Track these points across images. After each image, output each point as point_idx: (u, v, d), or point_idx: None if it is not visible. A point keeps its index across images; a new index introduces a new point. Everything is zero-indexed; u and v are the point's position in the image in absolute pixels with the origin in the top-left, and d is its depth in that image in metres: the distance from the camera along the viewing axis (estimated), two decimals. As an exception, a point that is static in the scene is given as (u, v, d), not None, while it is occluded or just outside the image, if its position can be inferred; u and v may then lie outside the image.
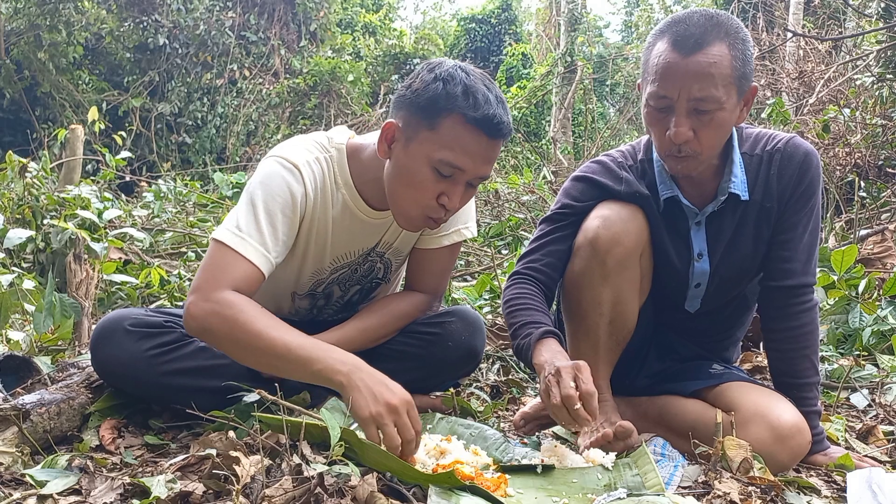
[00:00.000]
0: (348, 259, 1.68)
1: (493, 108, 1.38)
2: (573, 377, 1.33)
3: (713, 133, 1.43)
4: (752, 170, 1.56)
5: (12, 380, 1.61)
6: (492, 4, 17.64)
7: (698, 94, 1.38)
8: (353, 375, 1.26)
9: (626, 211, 1.54)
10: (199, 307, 1.35)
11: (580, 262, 1.56)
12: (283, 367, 1.33)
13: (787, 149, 1.55)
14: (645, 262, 1.59)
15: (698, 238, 1.59)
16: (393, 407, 1.22)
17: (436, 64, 1.45)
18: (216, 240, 1.42)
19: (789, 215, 1.55)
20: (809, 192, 1.54)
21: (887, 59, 5.36)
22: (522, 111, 13.06)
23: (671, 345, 1.75)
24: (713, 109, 1.40)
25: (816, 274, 1.62)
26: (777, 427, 1.43)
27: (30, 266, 3.44)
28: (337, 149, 1.58)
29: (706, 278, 1.61)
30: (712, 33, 1.39)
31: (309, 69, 11.66)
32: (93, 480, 1.19)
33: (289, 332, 1.34)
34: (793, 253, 1.55)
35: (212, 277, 1.38)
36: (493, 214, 5.61)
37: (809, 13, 8.63)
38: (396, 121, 1.45)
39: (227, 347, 1.38)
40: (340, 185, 1.57)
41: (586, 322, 1.58)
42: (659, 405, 1.65)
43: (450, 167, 1.40)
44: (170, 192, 6.35)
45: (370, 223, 1.63)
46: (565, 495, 1.22)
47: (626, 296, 1.56)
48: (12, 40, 10.53)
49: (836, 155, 4.94)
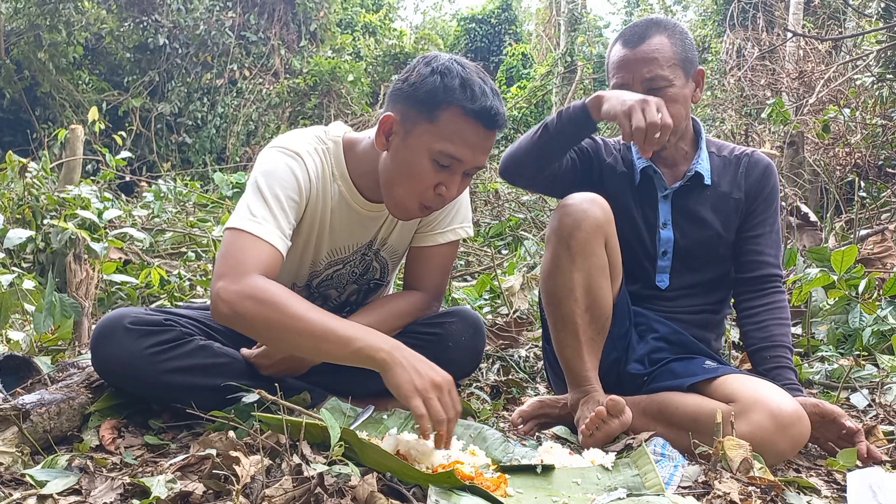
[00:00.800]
0: (344, 254, 1.69)
1: (490, 100, 1.43)
2: (657, 107, 1.50)
3: (670, 105, 1.64)
4: (716, 164, 1.83)
5: (12, 380, 1.61)
6: (492, 4, 17.65)
7: (647, 75, 1.67)
8: (395, 353, 1.27)
9: (587, 198, 1.66)
10: (231, 291, 1.34)
11: (549, 251, 1.66)
12: (322, 347, 1.32)
13: (753, 156, 1.85)
14: (612, 249, 1.68)
15: (664, 209, 1.82)
16: (437, 383, 1.25)
17: (432, 57, 1.48)
18: (233, 228, 1.43)
19: (758, 213, 1.80)
20: (773, 196, 1.82)
21: (887, 59, 5.36)
22: (522, 111, 13.06)
23: (649, 324, 1.80)
24: (664, 86, 1.68)
25: (782, 268, 1.84)
26: (778, 415, 1.44)
27: (30, 266, 3.44)
28: (334, 141, 1.61)
29: (671, 246, 1.80)
30: (652, 29, 1.71)
31: (309, 69, 11.67)
32: (93, 480, 1.19)
33: (325, 313, 1.34)
34: (764, 248, 1.79)
35: (237, 262, 1.38)
36: (493, 214, 5.62)
37: (809, 13, 8.63)
38: (394, 114, 1.48)
39: (260, 331, 1.37)
40: (337, 176, 1.60)
41: (562, 309, 1.64)
42: (658, 401, 1.65)
43: (449, 158, 1.44)
44: (170, 192, 6.35)
45: (366, 215, 1.65)
46: (565, 495, 1.22)
47: (597, 281, 1.64)
48: (12, 40, 10.53)
49: (836, 155, 4.94)
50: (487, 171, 7.26)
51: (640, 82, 1.68)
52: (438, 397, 1.24)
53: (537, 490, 1.24)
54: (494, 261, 3.58)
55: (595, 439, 1.53)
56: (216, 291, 1.36)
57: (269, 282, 1.37)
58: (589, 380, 1.64)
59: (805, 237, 3.96)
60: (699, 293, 1.84)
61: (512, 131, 12.05)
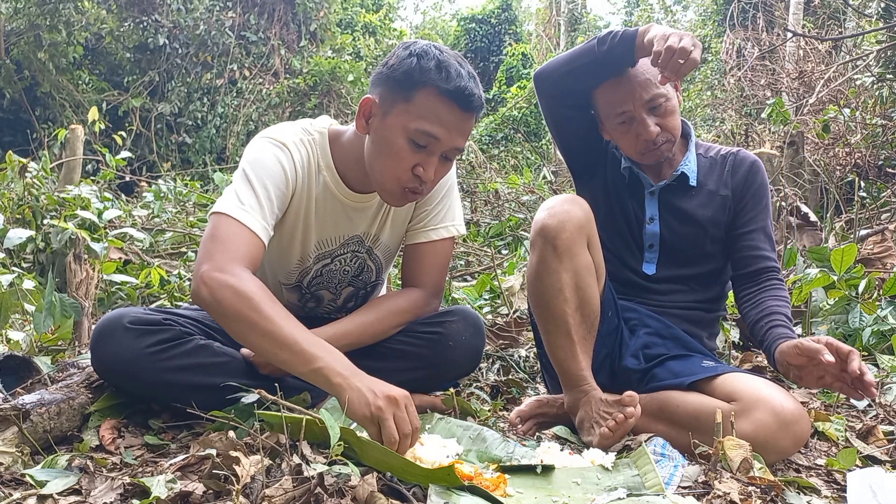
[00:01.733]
0: (331, 246, 1.70)
1: (465, 81, 1.45)
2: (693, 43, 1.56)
3: (671, 118, 1.76)
4: (703, 165, 1.88)
5: (12, 380, 1.61)
6: (492, 4, 17.64)
7: (646, 96, 1.71)
8: (352, 379, 1.27)
9: (568, 199, 1.69)
10: (213, 277, 1.35)
11: (535, 253, 1.66)
12: (282, 356, 1.32)
13: (738, 154, 1.90)
14: (595, 249, 1.70)
15: (651, 204, 1.87)
16: (392, 399, 1.24)
17: (410, 43, 1.51)
18: (220, 213, 1.44)
19: (748, 209, 1.83)
20: (762, 191, 1.84)
21: (887, 59, 5.36)
22: (522, 111, 13.06)
23: (641, 318, 1.81)
24: (662, 102, 1.73)
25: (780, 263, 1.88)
26: (780, 413, 1.44)
27: (30, 266, 3.44)
28: (319, 132, 1.64)
29: (657, 239, 1.85)
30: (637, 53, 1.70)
31: (309, 69, 11.67)
32: (93, 480, 1.19)
33: (298, 326, 1.34)
34: (759, 243, 1.81)
35: (223, 248, 1.39)
36: (493, 214, 5.62)
37: (809, 13, 8.63)
38: (373, 96, 1.51)
39: (231, 323, 1.36)
40: (322, 167, 1.62)
41: (552, 310, 1.64)
42: (658, 400, 1.65)
43: (425, 137, 1.46)
44: (170, 192, 6.35)
45: (350, 206, 1.67)
46: (565, 495, 1.22)
47: (585, 280, 1.65)
48: (12, 40, 10.53)
49: (836, 155, 4.94)
50: (487, 171, 7.26)
51: (640, 106, 1.72)
52: (394, 413, 1.23)
53: (537, 490, 1.24)
54: (494, 261, 3.58)
55: (616, 438, 1.53)
56: (199, 274, 1.37)
57: (254, 278, 1.38)
58: (585, 379, 1.64)
59: (805, 237, 3.96)
60: (689, 289, 1.86)
61: (512, 131, 12.06)
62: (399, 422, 1.23)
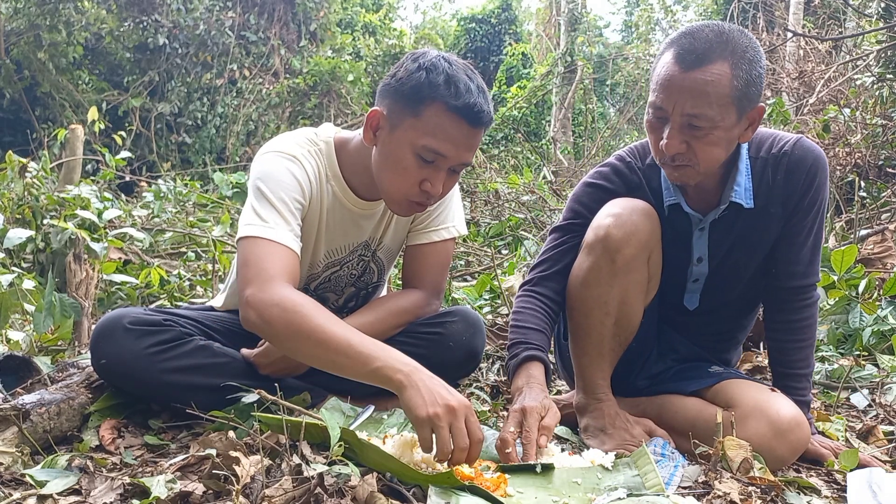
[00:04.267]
0: (341, 254, 1.70)
1: (474, 97, 1.42)
2: (518, 422, 1.39)
3: (708, 149, 1.42)
4: (756, 174, 1.55)
5: (12, 380, 1.61)
6: (492, 4, 17.63)
7: (691, 110, 1.38)
8: (413, 375, 1.23)
9: (638, 209, 1.54)
10: (258, 298, 1.35)
11: (589, 259, 1.56)
12: (340, 362, 1.30)
13: (794, 153, 1.53)
14: (654, 263, 1.59)
15: (700, 243, 1.61)
16: (451, 408, 1.19)
17: (420, 54, 1.49)
18: (248, 237, 1.43)
19: (797, 220, 1.56)
20: (816, 197, 1.54)
21: (887, 59, 5.35)
22: (522, 111, 13.05)
23: (672, 343, 1.75)
24: (707, 127, 1.39)
25: (819, 271, 1.64)
26: (776, 421, 1.44)
27: (30, 266, 3.44)
28: (325, 142, 1.63)
29: (704, 278, 1.66)
30: (717, 51, 1.37)
31: (309, 69, 11.66)
32: (93, 480, 1.19)
33: (349, 329, 1.33)
34: (798, 256, 1.58)
35: (262, 270, 1.38)
36: (493, 214, 5.61)
37: (809, 13, 8.63)
38: (381, 108, 1.49)
39: (284, 340, 1.36)
40: (330, 177, 1.62)
41: (590, 320, 1.58)
42: (658, 404, 1.65)
43: (432, 153, 1.44)
44: (170, 192, 6.34)
45: (359, 214, 1.66)
46: (565, 495, 1.22)
47: (633, 296, 1.57)
48: (12, 40, 10.53)
49: (836, 155, 4.93)
50: (487, 171, 7.26)
51: (679, 114, 1.40)
52: (452, 423, 1.19)
53: (537, 490, 1.24)
54: (494, 261, 3.57)
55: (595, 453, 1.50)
56: (245, 299, 1.37)
57: (297, 292, 1.37)
58: (601, 388, 1.60)
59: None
60: (728, 316, 1.73)
61: (512, 131, 12.05)
62: (455, 432, 1.19)
